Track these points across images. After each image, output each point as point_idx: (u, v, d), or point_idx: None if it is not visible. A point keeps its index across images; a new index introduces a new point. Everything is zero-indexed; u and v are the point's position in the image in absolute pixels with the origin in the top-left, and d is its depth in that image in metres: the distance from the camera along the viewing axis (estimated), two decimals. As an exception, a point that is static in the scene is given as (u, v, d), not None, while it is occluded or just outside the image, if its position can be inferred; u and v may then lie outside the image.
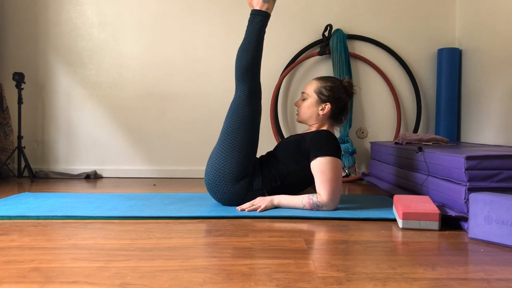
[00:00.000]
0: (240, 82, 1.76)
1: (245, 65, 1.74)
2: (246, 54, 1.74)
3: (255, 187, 1.73)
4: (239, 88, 1.76)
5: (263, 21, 1.77)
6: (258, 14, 1.77)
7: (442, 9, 2.84)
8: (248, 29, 1.77)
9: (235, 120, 1.73)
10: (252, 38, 1.75)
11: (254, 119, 1.75)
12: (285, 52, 2.84)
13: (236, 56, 1.77)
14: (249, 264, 1.05)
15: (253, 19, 1.77)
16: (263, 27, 1.77)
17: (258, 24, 1.76)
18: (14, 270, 0.99)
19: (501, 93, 2.31)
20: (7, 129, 2.76)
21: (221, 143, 1.74)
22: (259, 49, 1.76)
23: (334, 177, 1.63)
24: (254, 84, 1.76)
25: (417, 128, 2.80)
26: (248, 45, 1.75)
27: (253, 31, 1.76)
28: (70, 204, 1.76)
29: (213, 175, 1.72)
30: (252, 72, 1.75)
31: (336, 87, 1.77)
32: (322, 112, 1.76)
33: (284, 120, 2.87)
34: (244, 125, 1.73)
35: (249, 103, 1.74)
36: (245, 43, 1.76)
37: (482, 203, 1.26)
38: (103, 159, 2.87)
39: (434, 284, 0.92)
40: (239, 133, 1.72)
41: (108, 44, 2.85)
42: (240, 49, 1.76)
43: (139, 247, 1.19)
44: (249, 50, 1.74)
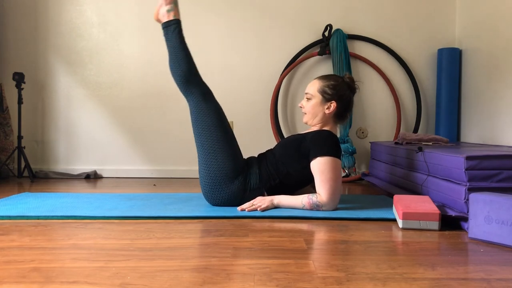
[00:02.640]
0: (188, 92, 1.77)
1: (185, 77, 1.76)
2: (179, 65, 1.76)
3: (252, 186, 1.73)
4: (190, 97, 1.78)
5: (177, 28, 1.79)
6: (170, 24, 1.79)
7: (442, 9, 2.84)
8: (169, 42, 1.78)
9: (203, 127, 1.74)
10: (176, 49, 1.77)
11: (220, 117, 1.76)
12: (285, 52, 2.84)
13: (171, 72, 1.78)
14: (249, 264, 1.05)
15: (168, 31, 1.79)
16: (180, 33, 1.79)
17: (174, 33, 1.78)
18: (14, 270, 0.99)
19: (501, 93, 2.31)
20: (7, 129, 2.76)
21: (201, 154, 1.74)
22: (187, 54, 1.77)
23: (334, 177, 1.63)
24: (202, 86, 1.78)
25: (417, 128, 2.80)
26: (176, 57, 1.76)
27: (174, 42, 1.78)
28: (70, 204, 1.76)
29: (206, 184, 1.73)
30: (193, 77, 1.77)
31: (339, 85, 1.77)
32: (328, 111, 1.76)
33: (284, 120, 2.87)
34: (214, 127, 1.74)
35: (207, 104, 1.76)
36: (172, 56, 1.77)
37: (482, 203, 1.26)
38: (103, 159, 2.87)
39: (434, 284, 0.92)
40: (213, 136, 1.73)
41: (108, 44, 2.85)
42: (172, 64, 1.77)
43: (139, 247, 1.19)
44: (179, 60, 1.76)
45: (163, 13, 1.81)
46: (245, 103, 2.86)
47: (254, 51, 2.85)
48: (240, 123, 2.86)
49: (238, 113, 2.86)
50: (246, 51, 2.85)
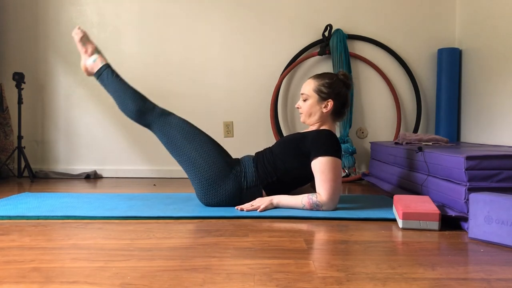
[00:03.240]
0: (147, 122, 1.81)
1: (136, 113, 1.79)
2: (127, 105, 1.80)
3: (249, 184, 1.73)
4: (151, 126, 1.80)
5: (110, 72, 1.85)
6: (101, 72, 1.85)
7: (442, 9, 2.84)
8: (108, 88, 1.83)
9: (177, 145, 1.76)
10: (118, 91, 1.81)
11: (187, 130, 1.79)
12: (285, 52, 2.84)
13: (122, 111, 1.82)
14: (249, 264, 1.05)
15: (102, 79, 1.85)
16: (113, 75, 1.84)
17: (109, 77, 1.83)
18: (14, 270, 0.99)
19: (501, 93, 2.31)
20: (7, 129, 2.76)
21: (187, 166, 1.75)
22: (131, 91, 1.82)
23: (334, 177, 1.63)
24: (157, 111, 1.81)
25: (417, 128, 2.80)
26: (121, 98, 1.80)
27: (113, 86, 1.82)
28: (70, 204, 1.76)
29: (202, 191, 1.72)
30: (146, 109, 1.80)
31: (334, 82, 1.77)
32: (325, 110, 1.76)
33: (284, 120, 2.87)
34: (186, 141, 1.76)
35: (170, 122, 1.79)
36: (118, 100, 1.81)
37: (482, 203, 1.26)
38: (103, 159, 2.87)
39: (434, 284, 0.92)
40: (192, 145, 1.75)
41: (108, 44, 2.85)
42: (120, 106, 1.82)
43: (139, 247, 1.19)
44: (126, 100, 1.80)
45: (90, 65, 1.87)
46: (245, 103, 2.86)
47: (254, 51, 2.85)
48: (240, 123, 2.86)
49: (238, 113, 2.86)
50: (246, 51, 2.85)
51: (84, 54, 1.89)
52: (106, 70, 1.85)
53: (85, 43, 1.89)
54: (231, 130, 2.87)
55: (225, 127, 2.86)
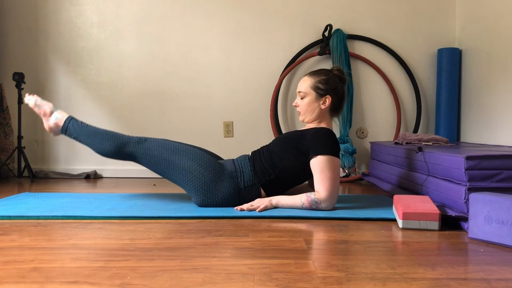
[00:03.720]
0: (128, 155, 1.78)
1: (111, 150, 1.77)
2: (103, 148, 1.77)
3: (246, 183, 1.73)
4: (133, 156, 1.78)
5: (74, 122, 1.82)
6: (66, 127, 1.82)
7: (442, 9, 2.84)
8: (79, 138, 1.80)
9: (165, 161, 1.74)
10: (90, 138, 1.78)
11: (169, 143, 1.78)
12: (285, 52, 2.84)
13: (100, 154, 1.80)
14: (249, 264, 1.05)
15: (70, 132, 1.81)
16: (78, 123, 1.82)
17: (76, 128, 1.81)
18: (14, 270, 0.99)
19: (501, 93, 2.31)
20: (7, 129, 2.76)
21: (180, 180, 1.73)
22: (100, 133, 1.78)
23: (333, 175, 1.64)
24: (132, 142, 1.77)
25: (417, 128, 2.80)
26: (94, 142, 1.78)
27: (82, 134, 1.79)
28: (70, 204, 1.76)
29: (199, 196, 1.72)
30: (120, 145, 1.76)
31: (330, 78, 1.77)
32: (324, 106, 1.76)
33: (284, 120, 2.87)
34: (175, 152, 1.74)
35: (149, 147, 1.76)
36: (91, 144, 1.79)
37: (482, 203, 1.26)
38: (103, 159, 2.86)
39: (434, 284, 0.92)
40: (181, 158, 1.73)
41: (108, 44, 2.85)
42: (97, 151, 1.79)
43: (139, 247, 1.19)
44: (100, 144, 1.77)
45: (54, 124, 1.84)
46: (245, 103, 2.86)
47: (254, 51, 2.85)
48: (240, 123, 2.86)
49: (238, 113, 2.86)
50: (246, 51, 2.85)
51: (44, 116, 1.85)
52: (70, 122, 1.82)
53: (40, 106, 1.86)
54: (231, 130, 2.87)
55: (225, 127, 2.86)
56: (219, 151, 2.81)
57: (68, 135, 1.83)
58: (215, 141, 2.87)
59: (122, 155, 1.78)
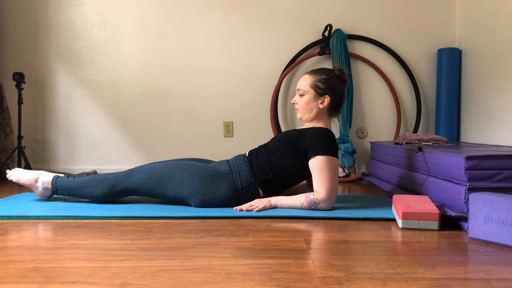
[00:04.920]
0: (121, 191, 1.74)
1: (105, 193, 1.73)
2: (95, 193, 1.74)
3: (244, 183, 1.73)
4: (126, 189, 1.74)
5: (60, 180, 1.78)
6: (56, 187, 1.78)
7: (442, 9, 2.83)
8: (72, 193, 1.77)
9: (157, 181, 1.71)
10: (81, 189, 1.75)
11: (157, 163, 1.77)
12: (285, 52, 2.84)
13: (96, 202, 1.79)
14: (249, 264, 1.05)
15: (62, 190, 1.78)
16: (64, 179, 1.78)
17: (65, 184, 1.77)
18: (14, 270, 0.99)
19: (501, 93, 2.31)
20: (7, 129, 2.76)
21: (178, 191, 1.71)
22: (90, 181, 1.75)
23: (332, 175, 1.64)
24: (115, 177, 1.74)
25: (417, 128, 2.80)
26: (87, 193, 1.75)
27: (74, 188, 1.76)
28: (70, 204, 1.76)
29: (197, 200, 1.71)
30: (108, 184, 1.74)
31: (330, 78, 1.77)
32: (322, 105, 1.76)
33: (284, 120, 2.87)
34: (165, 168, 1.73)
35: (137, 175, 1.73)
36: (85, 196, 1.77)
37: (482, 203, 1.26)
38: (103, 159, 2.87)
39: (434, 284, 0.93)
40: (171, 174, 1.71)
41: (108, 44, 2.85)
42: (91, 199, 1.77)
43: (139, 247, 1.19)
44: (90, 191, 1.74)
45: (44, 188, 1.80)
46: (245, 103, 2.86)
47: (254, 51, 2.85)
48: (240, 123, 2.86)
49: (238, 113, 2.86)
50: (246, 51, 2.85)
51: (32, 185, 1.81)
52: (57, 181, 1.78)
53: (24, 176, 1.81)
54: (231, 130, 2.87)
55: (225, 127, 2.86)
56: (219, 151, 2.82)
57: (60, 195, 1.80)
58: (215, 141, 2.87)
59: (117, 194, 1.75)
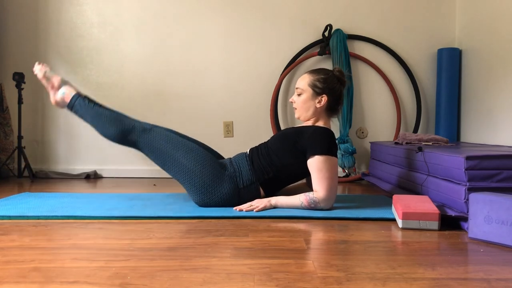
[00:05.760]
0: (131, 141, 1.76)
1: (116, 135, 1.75)
2: (108, 130, 1.75)
3: (245, 182, 1.73)
4: (136, 144, 1.76)
5: (82, 100, 1.78)
6: (73, 104, 1.78)
7: (442, 9, 2.84)
8: (84, 116, 1.77)
9: (164, 158, 1.73)
10: (95, 117, 1.76)
11: (172, 137, 1.77)
12: (285, 52, 2.84)
13: (103, 136, 1.78)
14: (249, 264, 1.05)
15: (76, 109, 1.78)
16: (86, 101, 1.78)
17: (83, 105, 1.77)
18: (14, 270, 0.99)
19: (501, 93, 2.31)
20: (7, 129, 2.76)
21: (179, 177, 1.73)
22: (107, 115, 1.76)
23: (332, 175, 1.64)
24: (138, 128, 1.76)
25: (417, 128, 2.80)
26: (100, 125, 1.76)
27: (88, 113, 1.76)
28: (70, 204, 1.76)
29: (198, 197, 1.71)
30: (125, 130, 1.75)
31: (329, 78, 1.77)
32: (319, 105, 1.76)
33: (284, 120, 2.87)
34: (174, 149, 1.73)
35: (153, 137, 1.75)
36: (95, 125, 1.77)
37: (482, 203, 1.26)
38: (103, 159, 2.87)
39: (434, 284, 0.93)
40: (179, 156, 1.72)
41: (108, 44, 2.85)
42: (100, 132, 1.77)
43: (139, 247, 1.19)
44: (104, 124, 1.75)
45: (61, 98, 1.81)
46: (245, 103, 2.86)
47: (254, 51, 2.85)
48: (240, 123, 2.86)
49: (238, 113, 2.86)
50: (246, 51, 2.85)
51: (52, 90, 1.82)
52: (77, 99, 1.78)
53: (49, 78, 1.82)
54: (231, 130, 2.87)
55: (225, 127, 2.86)
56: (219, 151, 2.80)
57: (73, 112, 1.79)
58: (215, 141, 2.86)
59: (126, 142, 1.76)
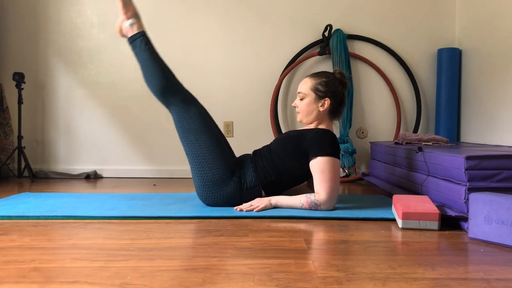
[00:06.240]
0: (168, 103, 1.76)
1: (161, 88, 1.74)
2: (154, 79, 1.74)
3: (249, 184, 1.73)
4: (171, 107, 1.76)
5: (144, 41, 1.77)
6: (135, 38, 1.77)
7: (442, 9, 2.84)
8: (138, 56, 1.77)
9: (189, 133, 1.73)
10: (147, 62, 1.75)
11: (204, 121, 1.76)
12: (285, 52, 2.84)
13: (146, 84, 1.77)
14: (249, 264, 1.05)
15: (135, 46, 1.77)
16: (147, 44, 1.77)
17: (142, 46, 1.76)
18: (14, 270, 0.99)
19: (501, 93, 2.31)
20: (7, 129, 2.76)
21: (192, 158, 1.73)
22: (161, 66, 1.75)
23: (334, 176, 1.63)
24: (181, 93, 1.76)
25: (417, 128, 2.80)
26: (149, 70, 1.74)
27: (143, 56, 1.75)
28: (70, 204, 1.76)
29: (203, 187, 1.72)
30: (171, 87, 1.75)
31: (331, 81, 1.77)
32: (322, 108, 1.77)
33: (284, 120, 2.87)
34: (200, 131, 1.73)
35: (189, 112, 1.75)
36: (145, 70, 1.75)
37: (482, 203, 1.26)
38: (103, 159, 2.87)
39: (434, 284, 0.93)
40: (200, 141, 1.72)
41: (108, 44, 2.85)
42: (146, 78, 1.76)
43: (139, 247, 1.19)
44: (154, 73, 1.74)
45: (126, 28, 1.80)
46: (245, 103, 2.86)
47: (254, 51, 2.85)
48: (240, 123, 2.86)
49: (238, 113, 2.86)
50: (246, 51, 2.85)
51: (123, 15, 1.79)
52: (140, 38, 1.77)
53: (126, 4, 1.79)
54: (231, 130, 2.87)
55: (225, 127, 2.86)
56: (219, 151, 2.81)
57: (130, 47, 1.78)
58: (215, 141, 2.86)
59: (164, 98, 1.75)
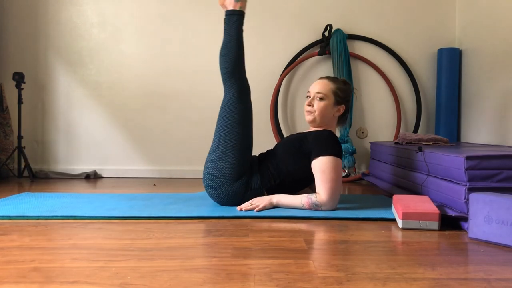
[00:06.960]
0: (228, 83, 1.77)
1: (230, 66, 1.75)
2: (229, 55, 1.75)
3: (253, 186, 1.73)
4: (228, 89, 1.77)
5: (239, 20, 1.78)
6: (233, 13, 1.78)
7: (442, 9, 2.84)
8: (226, 30, 1.78)
9: (228, 121, 1.74)
10: (232, 38, 1.76)
11: (246, 117, 1.77)
12: (285, 52, 2.84)
13: (219, 58, 1.78)
14: (249, 264, 1.05)
15: (229, 19, 1.78)
16: (240, 25, 1.78)
17: (235, 23, 1.77)
18: (14, 270, 0.99)
19: (501, 93, 2.31)
20: (7, 129, 2.76)
21: (216, 144, 1.75)
22: (240, 48, 1.77)
23: (335, 177, 1.63)
24: (242, 83, 1.77)
25: (417, 128, 2.80)
26: (229, 46, 1.76)
27: (231, 31, 1.76)
28: (70, 204, 1.76)
29: (211, 176, 1.72)
30: (238, 72, 1.76)
31: (347, 89, 1.81)
32: (337, 114, 1.79)
33: (284, 120, 2.87)
34: (237, 124, 1.74)
35: (240, 102, 1.75)
36: (226, 44, 1.76)
37: (482, 203, 1.26)
38: (103, 159, 2.87)
39: (434, 284, 0.93)
40: (233, 133, 1.73)
41: (108, 44, 2.85)
42: (222, 51, 1.77)
43: (139, 247, 1.19)
44: (232, 50, 1.75)
45: (230, 2, 1.79)
46: (245, 103, 2.86)
47: (254, 51, 2.85)
48: (240, 123, 2.86)
49: (238, 113, 2.86)
50: (246, 51, 2.84)
51: None
52: (238, 15, 1.77)
53: None
54: (231, 130, 2.86)
55: (225, 127, 2.86)
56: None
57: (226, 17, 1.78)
58: (215, 141, 2.86)
59: (228, 75, 1.76)
